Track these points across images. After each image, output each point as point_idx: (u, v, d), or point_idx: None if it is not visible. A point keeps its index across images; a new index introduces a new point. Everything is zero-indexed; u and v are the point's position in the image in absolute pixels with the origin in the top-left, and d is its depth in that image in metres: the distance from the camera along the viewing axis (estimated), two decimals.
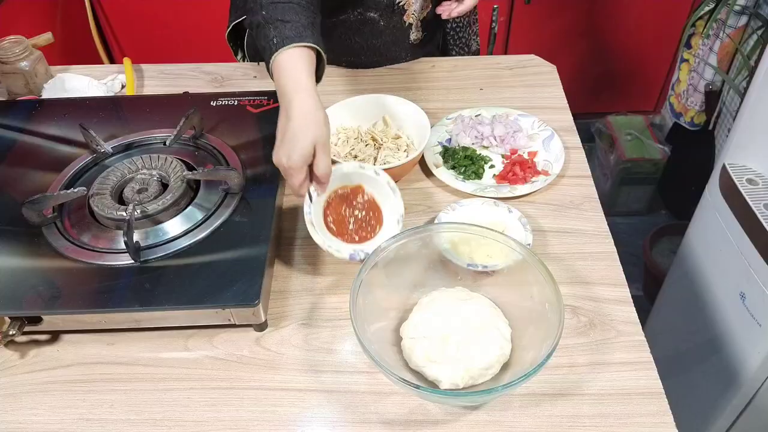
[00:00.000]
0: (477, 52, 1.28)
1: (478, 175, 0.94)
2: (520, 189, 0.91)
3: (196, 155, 0.90)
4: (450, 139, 1.01)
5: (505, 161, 0.97)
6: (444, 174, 0.94)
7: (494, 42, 2.09)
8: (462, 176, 0.94)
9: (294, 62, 0.75)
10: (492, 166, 0.97)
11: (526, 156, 0.97)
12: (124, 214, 0.78)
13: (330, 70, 1.18)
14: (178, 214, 0.81)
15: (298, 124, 0.72)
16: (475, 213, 0.87)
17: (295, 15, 0.77)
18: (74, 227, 0.80)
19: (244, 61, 1.23)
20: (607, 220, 0.88)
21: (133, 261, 0.75)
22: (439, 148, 0.99)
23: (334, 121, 0.97)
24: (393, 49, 1.13)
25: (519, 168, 0.94)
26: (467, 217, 0.86)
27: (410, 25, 1.11)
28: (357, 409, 0.68)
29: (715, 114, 1.91)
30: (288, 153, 0.71)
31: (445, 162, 0.96)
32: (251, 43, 1.18)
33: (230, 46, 1.20)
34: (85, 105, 1.01)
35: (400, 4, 1.06)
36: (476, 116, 1.04)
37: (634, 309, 0.77)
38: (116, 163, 0.87)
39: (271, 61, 0.76)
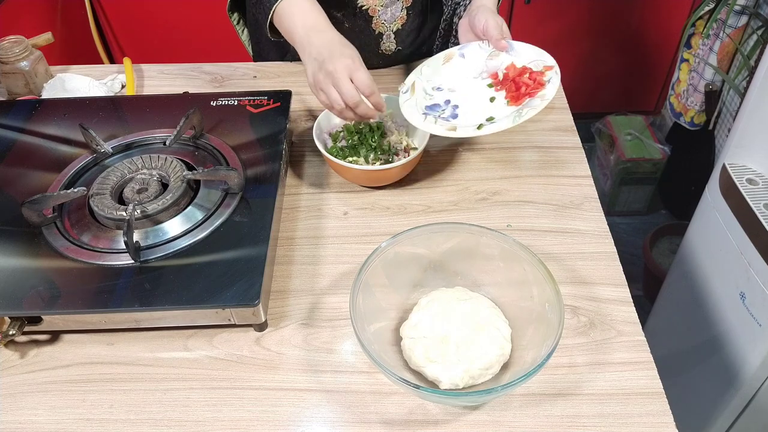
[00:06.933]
0: None
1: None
2: (549, 92, 0.84)
3: (196, 155, 0.90)
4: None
5: (500, 88, 0.91)
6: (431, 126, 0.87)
7: None
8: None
9: (299, 5, 0.88)
10: (493, 99, 0.91)
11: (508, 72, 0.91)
12: (124, 214, 0.78)
13: None
14: (178, 214, 0.81)
15: (329, 52, 0.83)
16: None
17: None
18: (74, 227, 0.80)
19: (243, 32, 1.23)
20: (607, 220, 0.88)
21: (133, 261, 0.75)
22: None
23: (336, 119, 0.98)
24: (363, 55, 1.03)
25: (528, 77, 0.88)
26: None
27: (380, 34, 1.10)
28: (357, 409, 0.68)
29: (715, 114, 1.91)
30: (334, 81, 0.82)
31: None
32: (252, 19, 1.18)
33: (230, 17, 1.19)
34: (85, 105, 1.01)
35: (363, 8, 1.05)
36: (434, 89, 0.96)
37: (634, 309, 0.77)
38: (116, 163, 0.87)
39: (271, 13, 0.89)
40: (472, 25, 0.95)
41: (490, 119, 0.88)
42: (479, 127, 0.86)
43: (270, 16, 0.92)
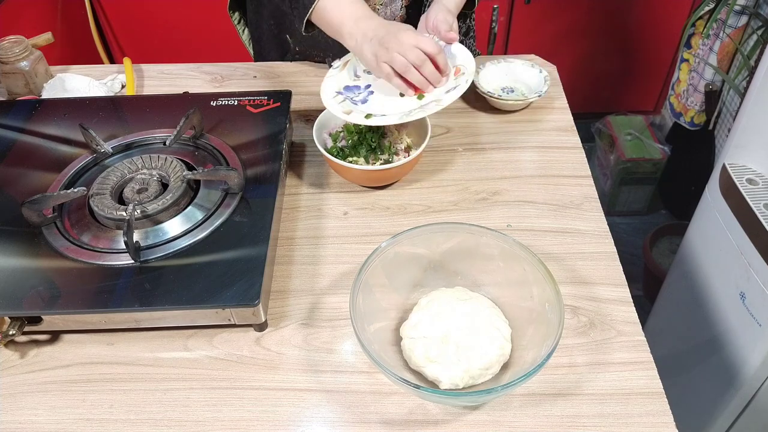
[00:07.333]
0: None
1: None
2: (446, 99, 0.86)
3: (196, 155, 0.90)
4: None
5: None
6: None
7: (494, 42, 2.09)
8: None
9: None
10: (403, 95, 0.91)
11: None
12: (124, 214, 0.78)
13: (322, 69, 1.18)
14: (178, 214, 0.81)
15: (385, 30, 0.85)
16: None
17: None
18: (74, 227, 0.80)
19: (244, 32, 1.23)
20: (607, 220, 0.88)
21: (133, 261, 0.75)
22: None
23: (336, 119, 0.98)
24: None
25: None
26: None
27: None
28: (357, 409, 0.68)
29: (715, 114, 1.91)
30: (397, 47, 0.83)
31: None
32: (253, 18, 1.18)
33: (231, 17, 1.20)
34: (85, 105, 1.01)
35: None
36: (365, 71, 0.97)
37: (634, 309, 0.77)
38: (116, 163, 0.87)
39: (312, 8, 0.89)
40: (426, 19, 0.96)
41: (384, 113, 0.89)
42: (367, 116, 0.88)
43: (309, 12, 0.92)
